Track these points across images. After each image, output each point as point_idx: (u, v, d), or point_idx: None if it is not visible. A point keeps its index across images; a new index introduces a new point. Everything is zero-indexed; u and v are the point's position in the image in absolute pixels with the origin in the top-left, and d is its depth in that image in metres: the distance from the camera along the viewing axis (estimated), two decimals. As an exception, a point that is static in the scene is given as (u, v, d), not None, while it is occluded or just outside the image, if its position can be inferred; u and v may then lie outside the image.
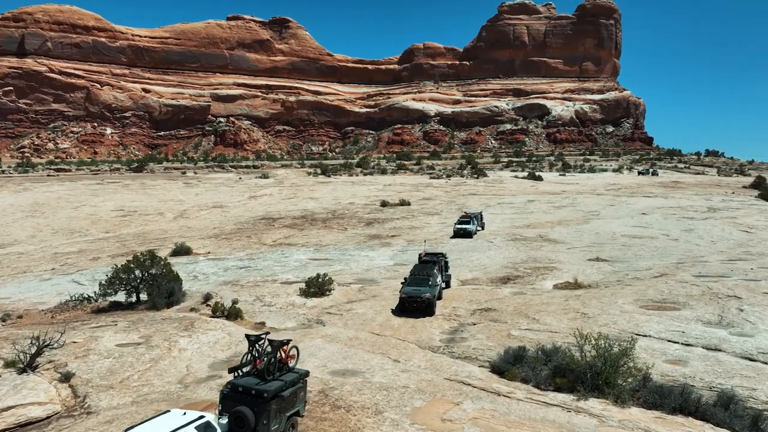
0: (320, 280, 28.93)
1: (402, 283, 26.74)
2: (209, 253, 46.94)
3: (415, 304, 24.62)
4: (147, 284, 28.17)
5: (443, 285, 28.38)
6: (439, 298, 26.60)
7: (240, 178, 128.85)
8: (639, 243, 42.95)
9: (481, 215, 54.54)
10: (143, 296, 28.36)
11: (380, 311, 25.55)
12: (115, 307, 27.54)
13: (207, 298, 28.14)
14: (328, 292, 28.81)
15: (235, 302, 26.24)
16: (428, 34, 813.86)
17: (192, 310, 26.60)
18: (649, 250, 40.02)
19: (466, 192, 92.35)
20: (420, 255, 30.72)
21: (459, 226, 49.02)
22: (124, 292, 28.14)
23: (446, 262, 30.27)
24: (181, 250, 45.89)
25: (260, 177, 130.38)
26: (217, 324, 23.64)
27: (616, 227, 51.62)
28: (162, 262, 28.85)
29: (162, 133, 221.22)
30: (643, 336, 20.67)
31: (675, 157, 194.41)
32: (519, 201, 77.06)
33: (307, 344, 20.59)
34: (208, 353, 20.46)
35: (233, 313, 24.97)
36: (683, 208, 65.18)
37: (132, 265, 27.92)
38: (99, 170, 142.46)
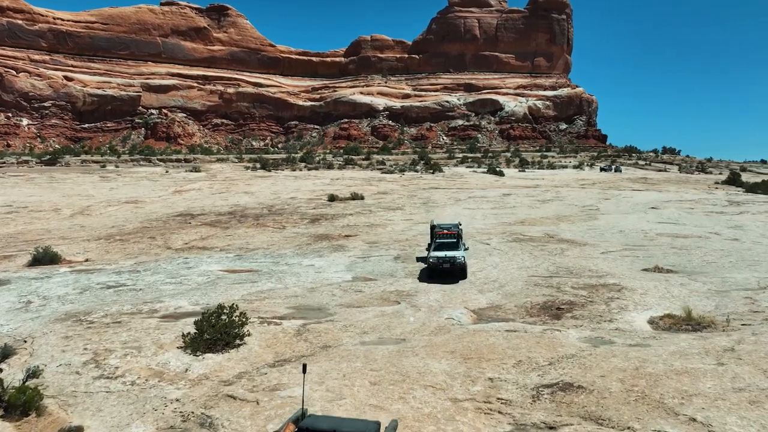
0: (224, 317, 15.52)
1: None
2: (87, 260, 32.99)
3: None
4: None
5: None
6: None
7: (167, 172, 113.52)
8: (691, 245, 30.96)
9: (460, 230, 27.78)
10: None
11: (341, 390, 12.31)
12: None
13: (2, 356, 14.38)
14: (238, 340, 15.46)
15: (34, 373, 12.61)
16: (376, 26, 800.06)
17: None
18: (716, 255, 28.06)
19: (426, 186, 79.87)
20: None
21: (438, 255, 24.22)
22: None
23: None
24: (44, 258, 31.64)
25: (190, 171, 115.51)
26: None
27: (638, 224, 39.82)
28: None
29: (86, 125, 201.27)
30: None
31: (633, 154, 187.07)
32: (493, 195, 64.88)
33: None
34: None
35: (24, 405, 11.38)
36: (697, 201, 54.06)
37: None
38: (4, 163, 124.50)
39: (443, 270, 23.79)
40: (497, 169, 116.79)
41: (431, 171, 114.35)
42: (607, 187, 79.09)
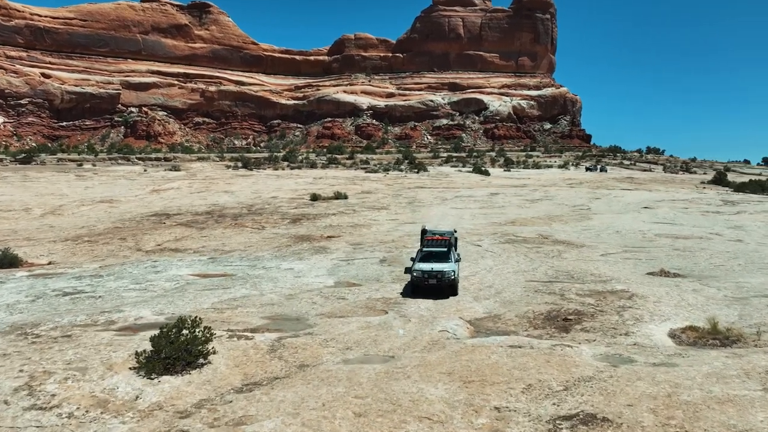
0: (185, 331, 13.41)
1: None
2: (50, 263, 30.81)
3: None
4: None
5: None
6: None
7: (145, 171, 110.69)
8: (694, 246, 29.28)
9: (455, 239, 24.43)
10: None
11: (319, 425, 10.24)
12: None
13: None
14: (201, 359, 13.36)
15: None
16: (360, 24, 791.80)
17: None
18: (722, 257, 26.40)
19: (411, 185, 77.99)
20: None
21: (423, 267, 20.86)
22: None
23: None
24: (3, 261, 29.41)
25: (170, 170, 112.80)
26: None
27: (634, 224, 38.19)
28: None
29: (64, 123, 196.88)
30: None
31: (618, 154, 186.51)
32: (480, 194, 63.09)
33: None
34: None
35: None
36: (690, 201, 52.57)
37: None
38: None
39: (428, 286, 20.42)
40: (483, 168, 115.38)
41: (416, 170, 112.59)
42: (595, 186, 77.70)
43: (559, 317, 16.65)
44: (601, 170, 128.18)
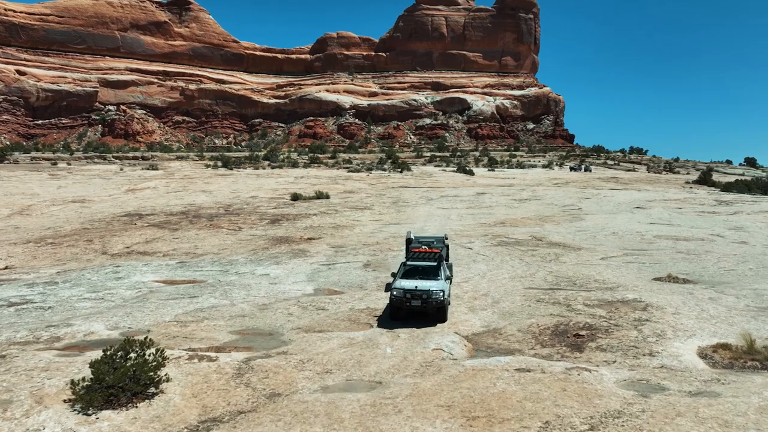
0: (133, 354, 11.23)
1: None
2: (6, 268, 28.42)
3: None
4: None
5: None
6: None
7: (121, 170, 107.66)
8: (697, 249, 27.52)
9: (446, 247, 21.50)
10: None
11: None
12: None
13: None
14: (152, 388, 11.19)
15: None
16: (342, 23, 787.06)
17: None
18: (730, 261, 24.62)
19: (395, 184, 75.98)
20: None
21: (406, 285, 17.03)
22: None
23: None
24: (-48, 266, 27.08)
25: (147, 169, 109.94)
26: None
27: (629, 224, 36.44)
28: None
29: (40, 121, 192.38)
30: None
31: (602, 154, 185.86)
32: (466, 194, 61.18)
33: None
34: None
35: None
36: (683, 201, 51.02)
37: None
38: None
39: (411, 309, 16.67)
40: (467, 168, 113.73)
41: (399, 170, 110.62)
42: (582, 186, 76.20)
43: (569, 332, 14.66)
44: (585, 170, 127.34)
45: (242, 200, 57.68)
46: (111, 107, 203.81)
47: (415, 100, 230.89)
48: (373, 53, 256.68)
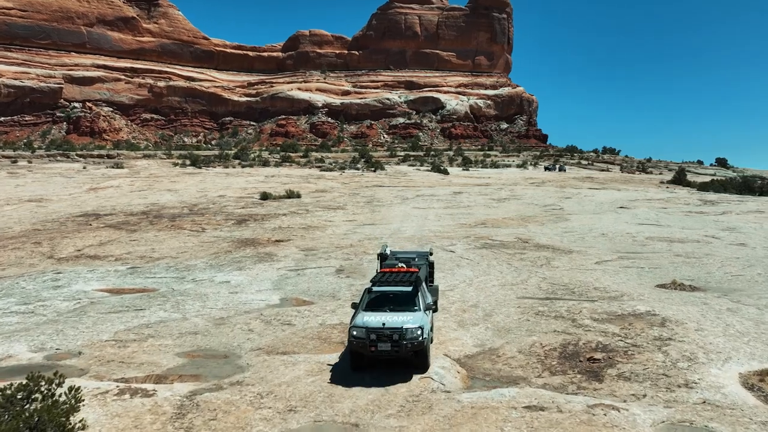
0: (37, 395, 8.72)
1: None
2: (-64, 276, 25.33)
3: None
4: None
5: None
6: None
7: (85, 168, 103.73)
8: (696, 251, 25.65)
9: (430, 265, 16.76)
10: None
11: None
12: None
13: None
14: (64, 440, 8.69)
15: None
16: (315, 21, 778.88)
17: None
18: (735, 265, 22.78)
19: (369, 184, 73.67)
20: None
21: (370, 321, 12.16)
22: None
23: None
24: None
25: (111, 167, 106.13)
26: None
27: (617, 225, 34.66)
28: None
29: (2, 118, 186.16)
30: None
31: (576, 154, 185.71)
32: (442, 193, 59.11)
33: None
34: None
35: None
36: (667, 200, 49.53)
37: None
38: None
39: (377, 356, 12.15)
40: (442, 167, 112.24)
41: (373, 169, 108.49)
42: (560, 186, 74.71)
43: (581, 355, 12.44)
44: (560, 170, 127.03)
45: (209, 200, 54.90)
46: (76, 104, 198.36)
47: (388, 99, 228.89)
48: (346, 52, 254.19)
